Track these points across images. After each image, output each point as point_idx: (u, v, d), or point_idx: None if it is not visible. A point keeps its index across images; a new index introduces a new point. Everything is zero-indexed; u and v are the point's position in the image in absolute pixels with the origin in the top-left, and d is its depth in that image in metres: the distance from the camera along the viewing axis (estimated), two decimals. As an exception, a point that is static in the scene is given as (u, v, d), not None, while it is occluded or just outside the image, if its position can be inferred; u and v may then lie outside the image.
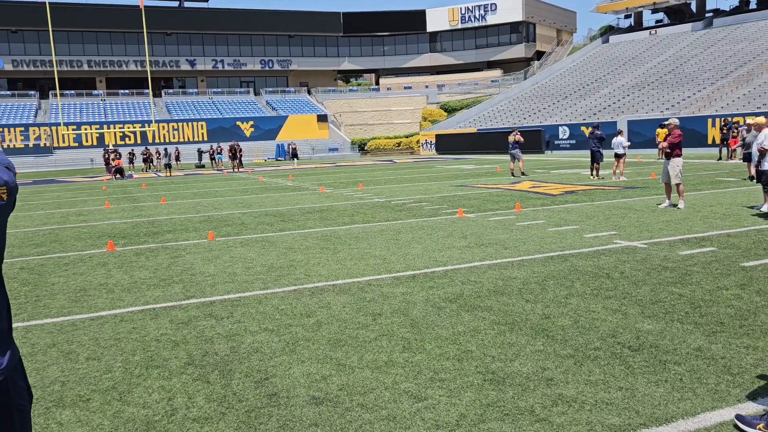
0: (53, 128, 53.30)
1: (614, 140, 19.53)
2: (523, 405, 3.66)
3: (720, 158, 26.33)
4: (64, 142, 53.49)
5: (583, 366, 4.21)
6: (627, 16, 63.95)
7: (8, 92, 61.15)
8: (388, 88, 70.45)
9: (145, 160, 43.57)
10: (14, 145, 51.99)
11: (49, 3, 49.79)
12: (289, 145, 47.29)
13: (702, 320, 5.06)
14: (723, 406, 3.55)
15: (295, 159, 43.89)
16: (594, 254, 7.85)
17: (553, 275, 6.82)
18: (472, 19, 69.88)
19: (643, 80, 48.01)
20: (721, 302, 5.54)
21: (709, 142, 33.12)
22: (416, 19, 72.52)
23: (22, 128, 53.07)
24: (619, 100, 45.46)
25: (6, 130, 52.36)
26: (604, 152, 19.95)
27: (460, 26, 70.89)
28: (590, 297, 5.88)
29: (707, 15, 57.21)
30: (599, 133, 19.80)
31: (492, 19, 68.76)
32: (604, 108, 45.04)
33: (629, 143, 20.49)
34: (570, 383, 3.94)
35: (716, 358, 4.24)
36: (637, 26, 62.74)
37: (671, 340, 4.62)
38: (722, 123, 28.20)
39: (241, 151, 39.23)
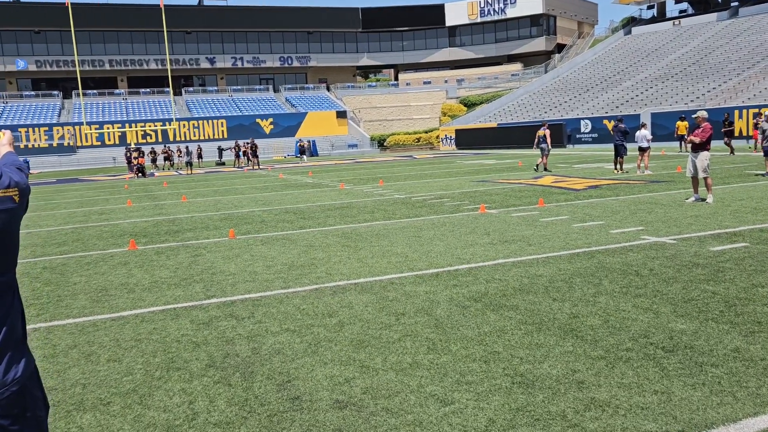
0: (76, 128, 53.96)
1: (638, 133, 19.20)
2: (555, 410, 3.52)
3: (732, 152, 25.61)
4: (87, 141, 54.12)
5: (616, 368, 4.06)
6: (650, 7, 62.96)
7: (32, 92, 62.00)
8: (407, 84, 70.20)
9: (166, 159, 43.88)
10: (39, 145, 52.75)
11: (72, 3, 50.38)
12: (298, 142, 47.45)
13: (738, 319, 4.87)
14: (766, 411, 3.38)
15: (304, 156, 43.96)
16: (621, 251, 7.65)
17: (580, 272, 6.65)
18: (492, 12, 69.28)
19: (667, 72, 47.21)
20: (758, 300, 5.34)
21: (736, 134, 32.44)
22: (435, 14, 72.10)
23: (47, 128, 53.79)
24: (642, 93, 44.75)
25: (31, 129, 53.14)
26: (628, 146, 19.60)
27: (479, 20, 70.33)
28: (619, 295, 5.71)
29: (732, 4, 56.05)
30: (623, 126, 19.46)
31: (512, 12, 68.10)
32: (627, 101, 44.37)
33: (652, 136, 20.12)
34: (602, 386, 3.79)
35: (756, 360, 4.06)
36: (661, 17, 61.74)
37: (707, 341, 4.44)
38: (723, 117, 27.53)
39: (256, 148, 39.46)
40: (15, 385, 1.93)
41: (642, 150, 18.89)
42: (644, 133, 18.95)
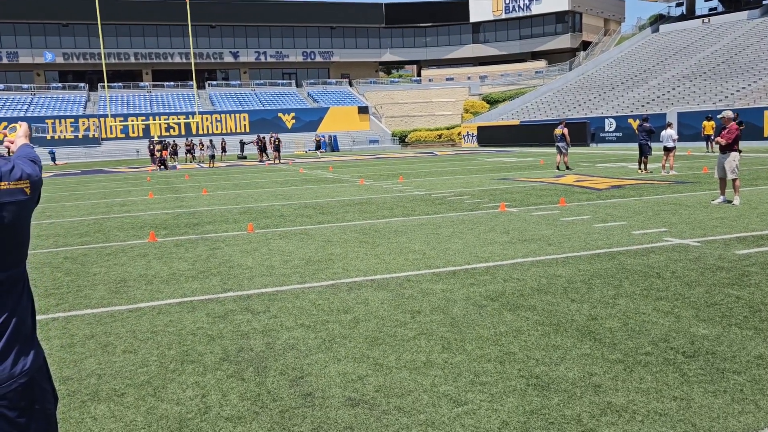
0: (101, 119, 54.67)
1: (663, 133, 18.88)
2: (570, 413, 3.46)
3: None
4: (111, 133, 54.79)
5: (634, 372, 3.98)
6: (679, 5, 61.91)
7: (59, 85, 62.95)
8: (429, 80, 69.93)
9: (187, 152, 44.24)
10: (65, 136, 53.55)
11: (99, -3, 50.97)
12: (315, 136, 47.69)
13: (763, 325, 4.74)
14: (789, 421, 3.29)
15: (318, 151, 44.16)
16: (643, 252, 7.52)
17: (600, 274, 6.55)
18: (516, 9, 68.67)
19: (694, 71, 46.41)
20: (783, 306, 5.20)
21: (766, 134, 31.80)
22: (459, 10, 71.68)
23: (72, 119, 54.58)
24: (669, 92, 44.06)
25: (57, 121, 53.94)
26: (653, 145, 19.30)
27: (503, 16, 69.76)
28: (640, 298, 5.60)
29: (764, 2, 54.86)
30: (648, 125, 19.15)
31: (537, 9, 67.43)
32: (653, 99, 43.72)
33: (678, 136, 19.78)
34: (620, 391, 3.71)
35: (780, 368, 3.94)
36: (690, 14, 60.67)
37: (729, 347, 4.33)
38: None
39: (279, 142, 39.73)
40: (23, 377, 1.93)
41: (667, 150, 18.57)
42: (670, 133, 18.63)
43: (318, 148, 44.38)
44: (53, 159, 46.60)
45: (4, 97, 58.20)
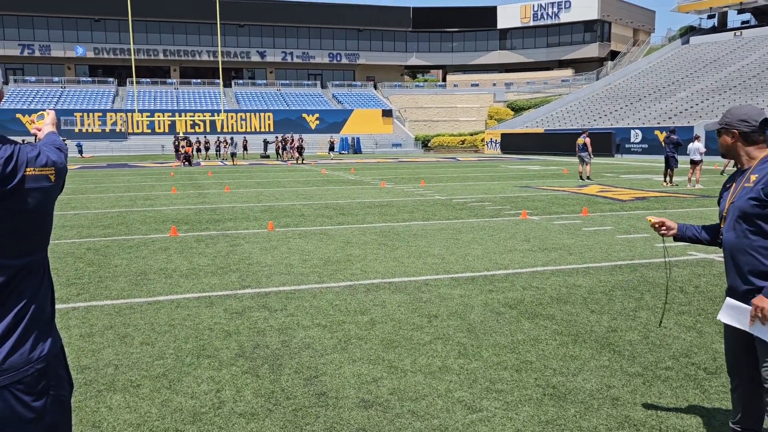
0: (129, 114, 55.42)
1: (690, 146, 18.62)
2: (586, 425, 3.40)
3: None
4: (138, 128, 55.49)
5: (653, 387, 3.90)
6: (710, 17, 61.08)
7: (89, 79, 63.98)
8: (454, 85, 69.79)
9: (206, 149, 44.62)
10: (92, 130, 54.38)
11: (131, -7, 51.73)
12: (330, 137, 48.02)
13: (788, 345, 4.63)
14: (814, 444, 3.19)
15: (331, 152, 44.54)
16: (666, 265, 7.39)
17: (621, 285, 6.45)
18: (545, 16, 68.27)
19: (725, 84, 45.72)
20: (810, 326, 5.06)
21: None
22: (487, 16, 71.47)
23: (101, 113, 55.41)
24: (697, 104, 43.46)
25: (85, 114, 54.80)
26: (680, 158, 19.03)
27: (531, 23, 69.40)
28: (661, 311, 5.50)
29: (799, 17, 53.93)
30: (675, 137, 18.89)
31: (565, 17, 66.99)
32: (681, 112, 43.16)
33: (705, 150, 19.48)
34: (638, 405, 3.65)
35: (805, 389, 3.84)
36: (721, 27, 59.84)
37: (753, 365, 4.23)
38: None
39: (292, 142, 40.24)
40: (40, 363, 1.94)
41: (694, 163, 18.31)
42: (697, 146, 18.36)
43: (331, 149, 44.70)
44: (80, 152, 47.38)
45: (36, 90, 59.32)
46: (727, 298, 2.88)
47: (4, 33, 61.44)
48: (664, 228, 3.09)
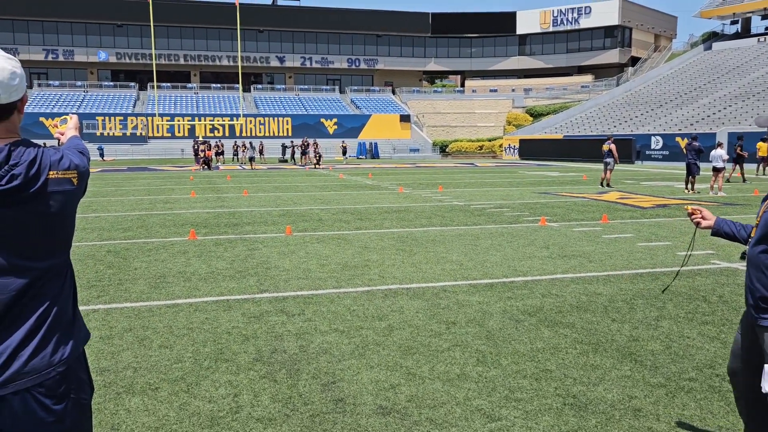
0: (149, 118, 55.99)
1: (713, 153, 18.37)
2: (608, 437, 3.34)
3: (744, 180, 23.59)
4: (158, 132, 56.01)
5: (676, 398, 3.83)
6: (734, 22, 60.31)
7: (111, 83, 64.83)
8: (473, 90, 69.63)
9: (218, 153, 44.90)
10: (113, 133, 55.01)
11: (153, 0, 52.43)
12: (342, 142, 48.33)
13: (816, 357, 4.52)
14: (844, 460, 3.10)
15: (344, 157, 45.00)
16: (688, 274, 7.28)
17: (643, 294, 6.36)
18: (565, 22, 67.91)
19: (748, 90, 45.09)
20: (839, 338, 4.95)
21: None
22: (506, 21, 71.27)
23: (122, 117, 56.05)
24: (719, 111, 42.90)
25: (107, 118, 55.47)
26: (702, 165, 18.78)
27: (551, 29, 69.06)
28: (684, 321, 5.42)
29: (824, 22, 53.05)
30: (697, 144, 18.65)
31: (585, 23, 66.58)
32: (703, 118, 42.62)
33: (728, 157, 19.19)
34: (661, 416, 3.58)
35: (834, 403, 3.74)
36: (745, 33, 59.06)
37: (779, 377, 4.13)
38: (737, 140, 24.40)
39: (308, 147, 40.65)
40: (61, 366, 1.94)
41: (716, 170, 18.05)
42: (720, 153, 18.10)
43: (344, 154, 45.12)
44: (101, 155, 47.96)
45: (59, 93, 60.22)
46: (765, 365, 2.51)
47: (30, 38, 62.51)
48: (700, 215, 2.95)
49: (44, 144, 2.05)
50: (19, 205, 1.84)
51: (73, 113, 2.68)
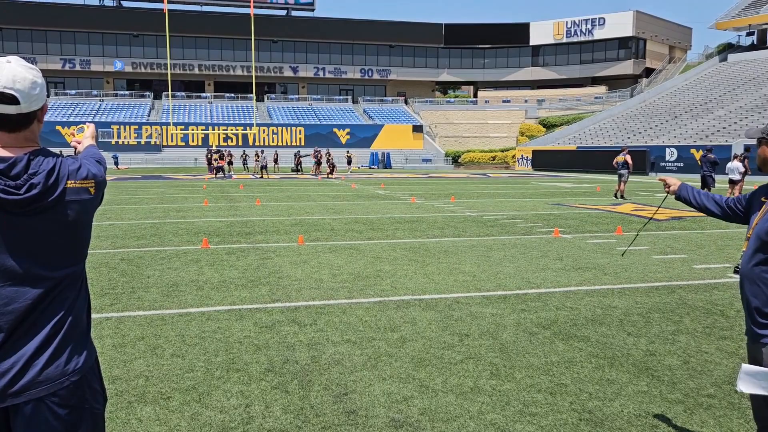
0: (163, 127, 56.46)
1: (729, 165, 18.21)
2: (625, 454, 3.28)
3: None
4: (172, 141, 56.45)
5: (695, 415, 3.76)
6: (749, 34, 59.94)
7: (126, 92, 65.57)
8: (486, 101, 69.64)
9: (228, 162, 45.15)
10: (128, 142, 55.53)
11: (169, 10, 52.99)
12: (347, 152, 48.59)
13: (837, 374, 4.42)
14: None
15: (349, 166, 45.26)
16: (705, 288, 7.19)
17: (659, 308, 6.28)
18: (578, 33, 67.85)
19: (764, 102, 44.73)
20: None
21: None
22: (519, 32, 71.33)
23: (136, 126, 56.59)
24: (735, 123, 42.56)
25: (122, 127, 56.04)
26: (717, 177, 18.61)
27: (564, 40, 69.01)
28: (702, 336, 5.33)
29: (841, 34, 52.59)
30: (712, 156, 18.51)
31: (599, 34, 66.49)
32: (718, 130, 42.30)
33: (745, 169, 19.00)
34: (679, 433, 3.51)
35: None
36: (761, 44, 58.65)
37: (800, 395, 4.05)
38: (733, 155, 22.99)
39: (321, 156, 40.89)
40: (75, 375, 1.93)
41: (733, 182, 17.88)
42: (736, 165, 17.94)
43: (349, 163, 45.36)
44: (116, 163, 48.41)
45: (75, 102, 60.96)
46: (743, 365, 2.47)
47: (47, 48, 63.40)
48: (666, 185, 3.38)
49: (61, 153, 2.06)
50: (37, 214, 1.84)
51: (89, 122, 2.69)
